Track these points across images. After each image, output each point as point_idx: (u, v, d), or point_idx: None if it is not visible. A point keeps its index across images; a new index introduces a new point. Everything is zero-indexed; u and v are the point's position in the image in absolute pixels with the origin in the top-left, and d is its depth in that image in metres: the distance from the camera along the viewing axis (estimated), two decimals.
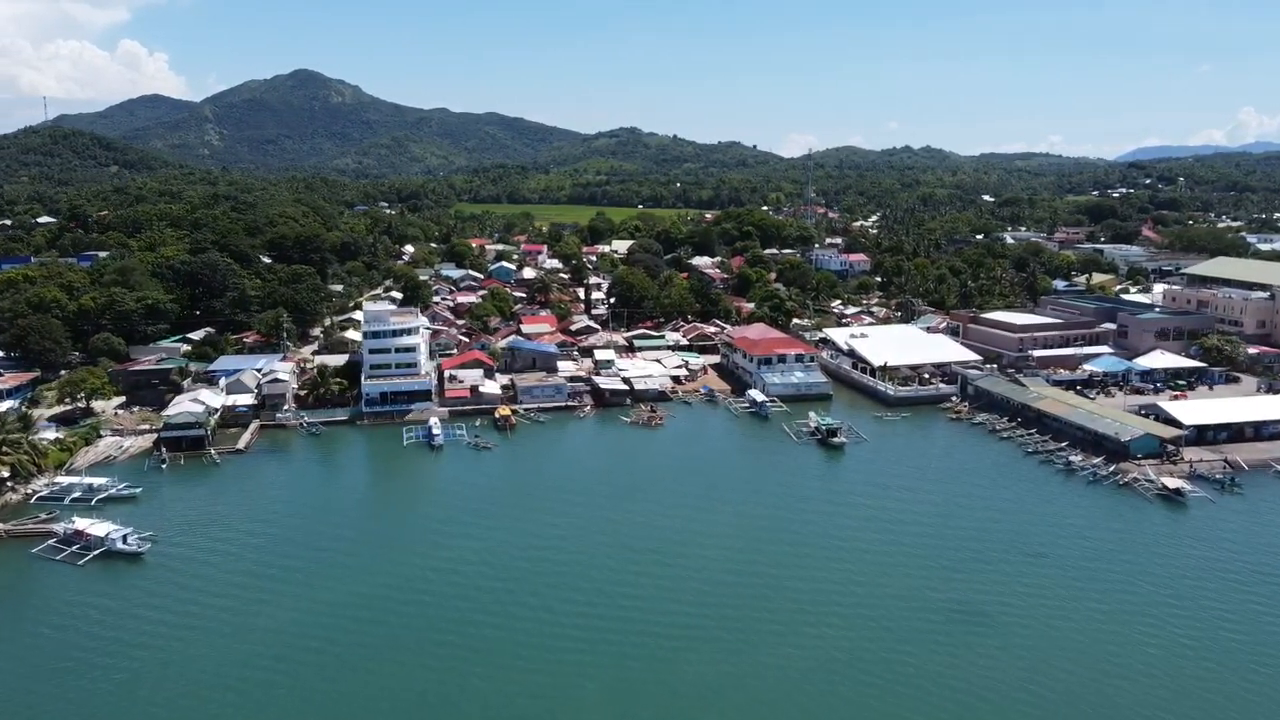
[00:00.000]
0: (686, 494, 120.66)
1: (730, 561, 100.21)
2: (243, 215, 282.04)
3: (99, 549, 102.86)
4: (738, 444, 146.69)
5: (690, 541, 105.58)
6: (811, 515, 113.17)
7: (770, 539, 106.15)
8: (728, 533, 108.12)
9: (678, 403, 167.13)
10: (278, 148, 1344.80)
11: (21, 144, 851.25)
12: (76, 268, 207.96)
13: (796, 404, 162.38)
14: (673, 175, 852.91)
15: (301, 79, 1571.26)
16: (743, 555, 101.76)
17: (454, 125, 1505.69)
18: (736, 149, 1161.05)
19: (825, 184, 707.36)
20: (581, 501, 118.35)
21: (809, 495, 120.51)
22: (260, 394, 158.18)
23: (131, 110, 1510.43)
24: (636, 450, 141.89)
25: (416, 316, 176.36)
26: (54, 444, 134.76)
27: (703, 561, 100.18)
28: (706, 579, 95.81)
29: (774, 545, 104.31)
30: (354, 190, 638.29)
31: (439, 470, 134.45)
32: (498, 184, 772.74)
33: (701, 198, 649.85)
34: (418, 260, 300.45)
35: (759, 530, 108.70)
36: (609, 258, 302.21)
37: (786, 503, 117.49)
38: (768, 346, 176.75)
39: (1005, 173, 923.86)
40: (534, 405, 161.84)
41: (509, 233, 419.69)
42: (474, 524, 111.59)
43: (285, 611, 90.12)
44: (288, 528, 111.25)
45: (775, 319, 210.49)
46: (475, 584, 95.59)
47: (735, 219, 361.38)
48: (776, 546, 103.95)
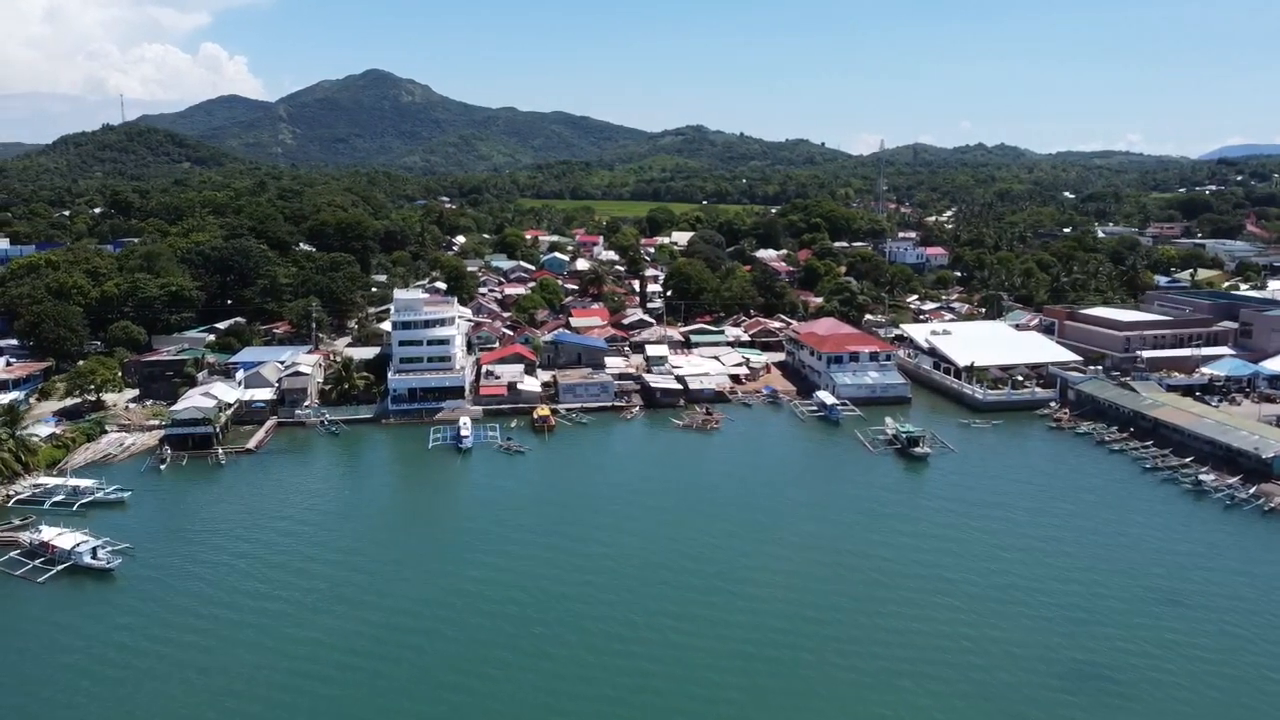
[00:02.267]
0: (743, 511, 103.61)
1: (794, 598, 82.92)
2: (287, 203, 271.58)
3: (65, 563, 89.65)
4: (804, 453, 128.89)
5: (747, 570, 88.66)
6: (891, 540, 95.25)
7: (842, 570, 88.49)
8: (791, 561, 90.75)
9: (736, 404, 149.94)
10: (348, 146, 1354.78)
11: (99, 141, 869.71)
12: (104, 253, 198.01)
13: (871, 408, 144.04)
14: (738, 172, 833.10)
15: (373, 79, 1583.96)
16: (809, 590, 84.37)
17: (521, 124, 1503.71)
18: (804, 146, 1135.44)
19: (896, 180, 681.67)
20: (620, 518, 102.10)
21: (888, 515, 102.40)
22: (280, 389, 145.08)
23: (210, 110, 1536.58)
24: (688, 458, 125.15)
25: (452, 305, 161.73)
26: (48, 440, 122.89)
27: (761, 596, 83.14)
28: (765, 619, 78.79)
29: (846, 578, 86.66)
30: (415, 185, 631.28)
31: (464, 477, 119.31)
32: (561, 180, 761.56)
33: (767, 193, 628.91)
34: (467, 251, 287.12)
35: (828, 558, 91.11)
36: (668, 249, 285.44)
37: (861, 524, 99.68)
38: (838, 343, 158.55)
39: (1084, 170, 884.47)
40: (576, 405, 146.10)
41: (568, 226, 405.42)
42: (495, 542, 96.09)
43: (262, 648, 75.36)
44: (284, 543, 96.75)
45: (846, 314, 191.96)
46: (490, 617, 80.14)
47: (803, 210, 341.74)
48: (850, 580, 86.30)
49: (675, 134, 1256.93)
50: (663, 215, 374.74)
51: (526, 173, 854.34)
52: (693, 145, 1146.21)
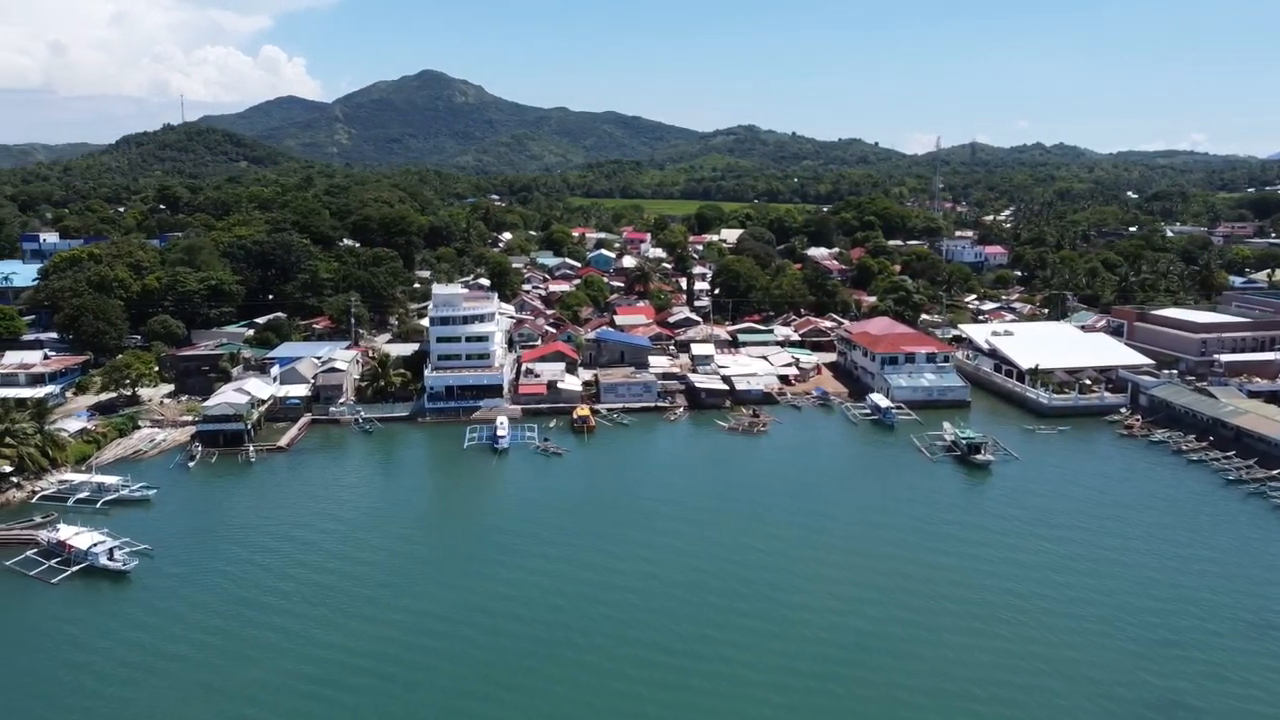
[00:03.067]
0: (792, 519, 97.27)
1: (847, 612, 76.54)
2: (333, 199, 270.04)
3: (81, 564, 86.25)
4: (856, 458, 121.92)
5: (796, 582, 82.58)
6: (952, 553, 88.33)
7: (899, 583, 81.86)
8: (844, 573, 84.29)
9: (785, 406, 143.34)
10: (402, 146, 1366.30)
11: (160, 141, 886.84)
12: (148, 246, 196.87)
13: (927, 411, 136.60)
14: (790, 172, 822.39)
15: (427, 79, 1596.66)
16: (863, 605, 77.91)
17: (573, 124, 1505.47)
18: (857, 146, 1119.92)
19: (952, 179, 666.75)
20: (661, 525, 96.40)
21: (947, 526, 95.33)
22: (315, 385, 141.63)
23: (268, 111, 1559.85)
24: (733, 462, 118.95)
25: (492, 301, 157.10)
26: (78, 435, 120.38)
27: (812, 610, 77.02)
28: (816, 636, 72.75)
29: (904, 592, 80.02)
30: (465, 183, 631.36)
31: (498, 479, 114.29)
32: (611, 179, 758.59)
33: (819, 192, 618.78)
34: (513, 248, 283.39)
35: (884, 570, 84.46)
36: (716, 247, 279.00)
37: (919, 535, 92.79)
38: (893, 343, 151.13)
39: (1147, 169, 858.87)
40: (618, 405, 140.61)
41: (616, 224, 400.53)
42: (530, 548, 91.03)
43: (279, 659, 71.03)
44: (309, 546, 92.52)
45: (901, 314, 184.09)
46: (523, 627, 75.31)
47: (856, 207, 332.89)
48: (908, 594, 79.67)
49: (727, 133, 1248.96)
50: (712, 212, 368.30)
51: (577, 171, 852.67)
52: (744, 145, 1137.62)
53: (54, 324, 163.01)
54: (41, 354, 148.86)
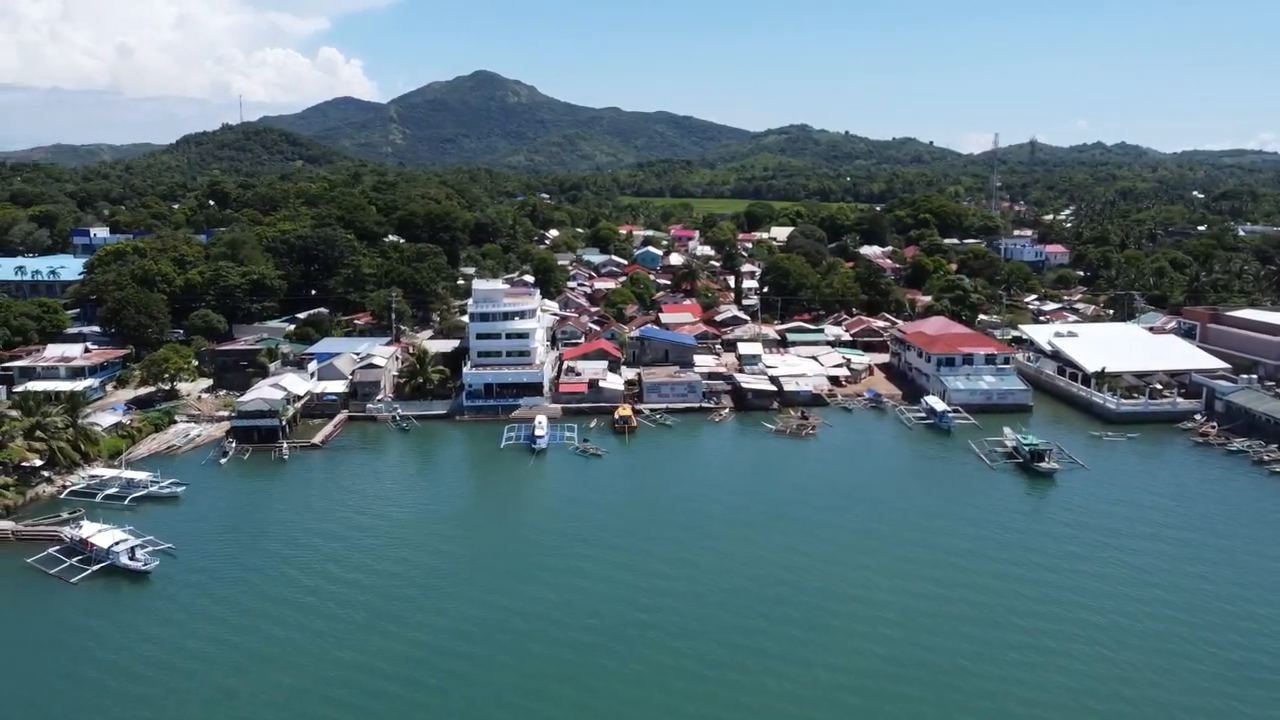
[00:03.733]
0: (842, 529, 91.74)
1: (902, 633, 71.02)
2: (380, 195, 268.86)
3: (102, 562, 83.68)
4: (910, 464, 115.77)
5: (847, 598, 77.17)
6: (1017, 569, 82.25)
7: (959, 602, 76.09)
8: (898, 588, 78.66)
9: (835, 408, 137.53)
10: (455, 146, 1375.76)
11: (218, 140, 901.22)
12: (193, 241, 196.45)
13: (986, 415, 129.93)
14: (842, 171, 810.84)
15: (480, 80, 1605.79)
16: (920, 625, 72.30)
17: (624, 124, 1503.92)
18: (911, 145, 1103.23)
19: (1009, 179, 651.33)
20: (704, 532, 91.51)
21: (1011, 539, 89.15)
22: (352, 381, 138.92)
23: (325, 112, 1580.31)
24: (779, 467, 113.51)
25: (533, 297, 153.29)
26: (112, 430, 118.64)
27: (864, 631, 71.61)
28: (870, 658, 67.42)
29: (965, 612, 74.24)
30: (515, 182, 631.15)
31: (535, 481, 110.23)
32: (661, 178, 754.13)
33: (872, 191, 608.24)
34: (559, 245, 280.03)
35: (942, 587, 78.73)
36: (766, 245, 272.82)
37: (980, 549, 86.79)
38: (950, 344, 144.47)
39: (1213, 169, 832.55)
40: (661, 405, 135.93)
41: (665, 222, 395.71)
42: (565, 555, 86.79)
43: (297, 669, 67.50)
44: (336, 548, 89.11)
45: (958, 313, 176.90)
46: (554, 643, 70.94)
47: (910, 205, 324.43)
48: (969, 614, 73.91)
49: (779, 133, 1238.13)
50: (761, 210, 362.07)
51: (627, 171, 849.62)
52: (796, 144, 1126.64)
53: (97, 318, 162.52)
54: (82, 347, 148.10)
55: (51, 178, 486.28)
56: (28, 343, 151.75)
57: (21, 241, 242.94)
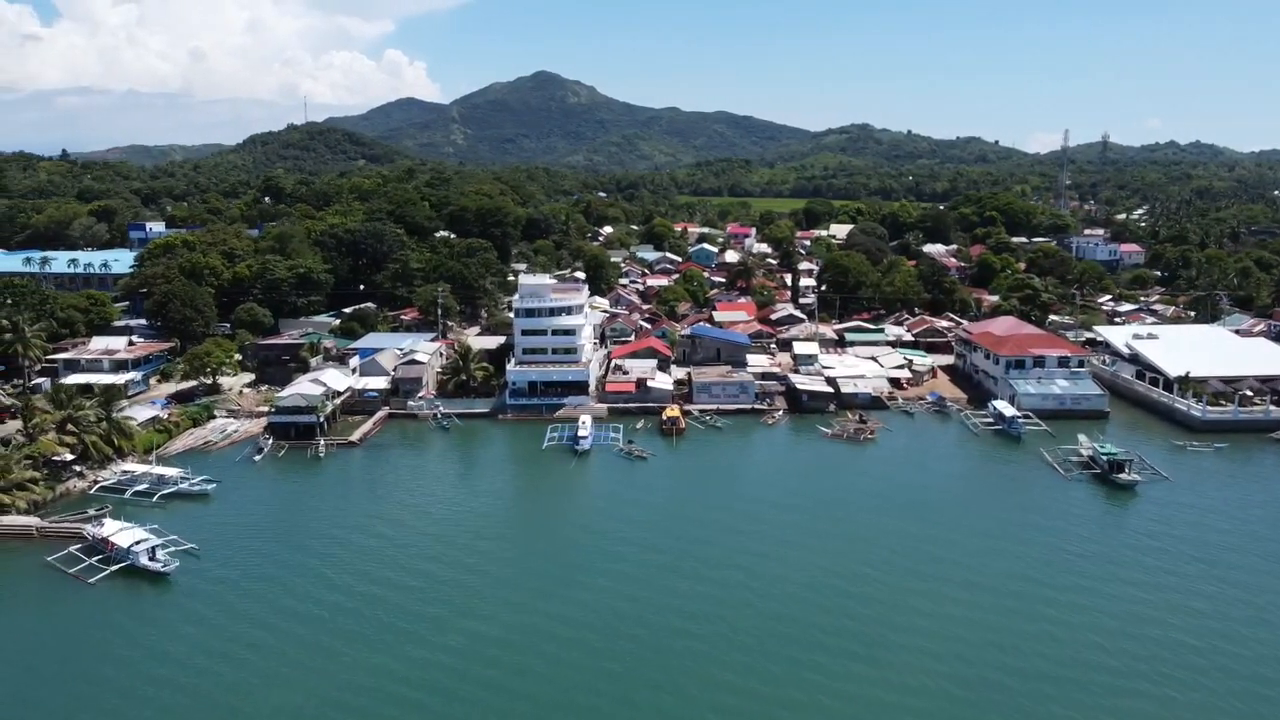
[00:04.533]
0: (902, 543, 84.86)
1: (966, 668, 64.20)
2: (434, 190, 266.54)
3: (122, 563, 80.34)
4: (977, 473, 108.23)
5: (910, 617, 70.58)
6: (1096, 593, 74.73)
7: (1037, 627, 68.96)
8: (967, 609, 71.82)
9: (896, 411, 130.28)
10: (515, 146, 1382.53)
11: (283, 140, 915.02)
12: (242, 234, 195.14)
13: (1058, 422, 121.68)
14: (904, 170, 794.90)
15: (541, 80, 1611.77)
16: (996, 652, 65.46)
17: (683, 124, 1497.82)
18: (976, 144, 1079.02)
19: (1078, 178, 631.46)
20: (754, 542, 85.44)
21: (1088, 559, 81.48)
22: (394, 377, 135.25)
23: (389, 113, 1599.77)
24: (835, 473, 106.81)
25: (581, 293, 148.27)
26: (149, 424, 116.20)
27: (923, 662, 64.84)
28: (927, 700, 60.60)
29: (1039, 643, 67.03)
30: (572, 180, 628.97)
31: (576, 484, 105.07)
32: (720, 177, 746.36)
33: (936, 190, 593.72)
34: (613, 242, 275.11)
35: (1011, 614, 71.63)
36: (824, 242, 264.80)
37: (1056, 567, 79.37)
38: (1020, 345, 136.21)
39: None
40: (711, 406, 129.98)
41: (722, 220, 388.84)
42: (606, 563, 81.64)
43: (315, 683, 63.22)
44: (366, 552, 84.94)
45: (1027, 314, 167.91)
46: (592, 655, 66.13)
47: (976, 202, 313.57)
48: (1052, 643, 66.72)
49: (839, 132, 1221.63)
50: (821, 207, 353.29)
51: (685, 170, 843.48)
52: (857, 144, 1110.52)
53: (144, 310, 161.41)
54: (126, 340, 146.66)
55: (120, 175, 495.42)
56: (74, 335, 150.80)
57: (81, 235, 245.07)
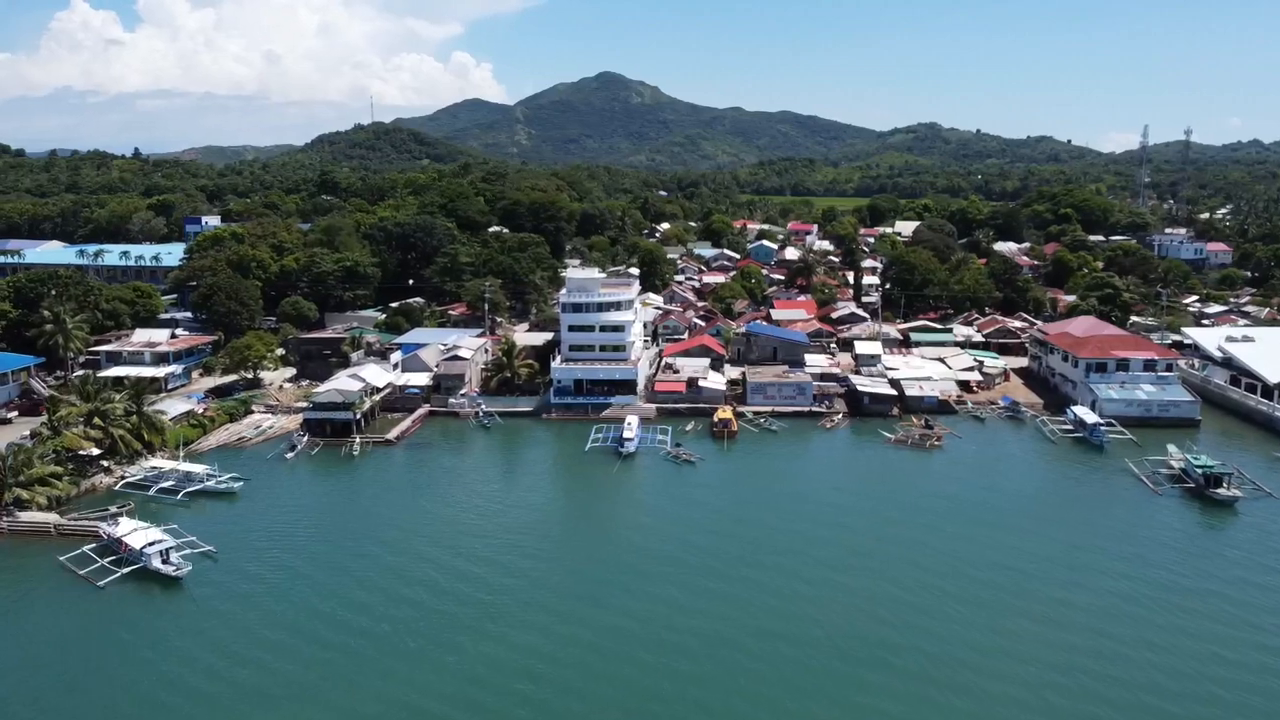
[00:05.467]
0: (973, 561, 76.94)
1: (1055, 705, 56.44)
2: (489, 185, 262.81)
3: (134, 564, 76.10)
4: (1056, 486, 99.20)
5: (983, 650, 62.88)
6: (1211, 625, 66.03)
7: (1131, 670, 60.69)
8: (1045, 644, 63.86)
9: (965, 417, 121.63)
10: (579, 146, 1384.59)
11: (350, 139, 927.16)
12: (292, 228, 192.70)
13: (1144, 430, 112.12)
14: (973, 169, 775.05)
15: (605, 81, 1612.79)
16: (1079, 696, 57.49)
17: (747, 123, 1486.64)
18: (1048, 144, 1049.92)
19: (1157, 176, 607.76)
20: (808, 559, 78.31)
21: (1193, 584, 72.58)
22: (436, 374, 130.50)
23: (455, 114, 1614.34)
24: (900, 482, 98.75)
25: (631, 288, 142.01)
26: (182, 419, 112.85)
27: (1007, 702, 57.25)
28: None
29: (1146, 689, 58.86)
30: (633, 178, 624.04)
31: (618, 490, 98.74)
32: (782, 176, 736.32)
33: (1005, 189, 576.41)
34: (669, 238, 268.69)
35: (1106, 645, 63.46)
36: (890, 239, 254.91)
37: (1152, 595, 70.67)
38: (1101, 347, 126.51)
39: None
40: (766, 408, 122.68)
41: (783, 218, 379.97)
42: (644, 579, 75.11)
43: (325, 709, 57.69)
44: (394, 558, 79.82)
45: (1107, 314, 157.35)
46: (627, 690, 59.53)
47: (1050, 199, 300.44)
48: (1151, 693, 58.46)
49: (906, 131, 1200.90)
50: (886, 203, 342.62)
51: (747, 169, 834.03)
52: (924, 143, 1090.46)
53: (189, 303, 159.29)
54: (169, 333, 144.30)
55: (189, 173, 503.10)
56: (120, 327, 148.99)
57: (139, 230, 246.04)
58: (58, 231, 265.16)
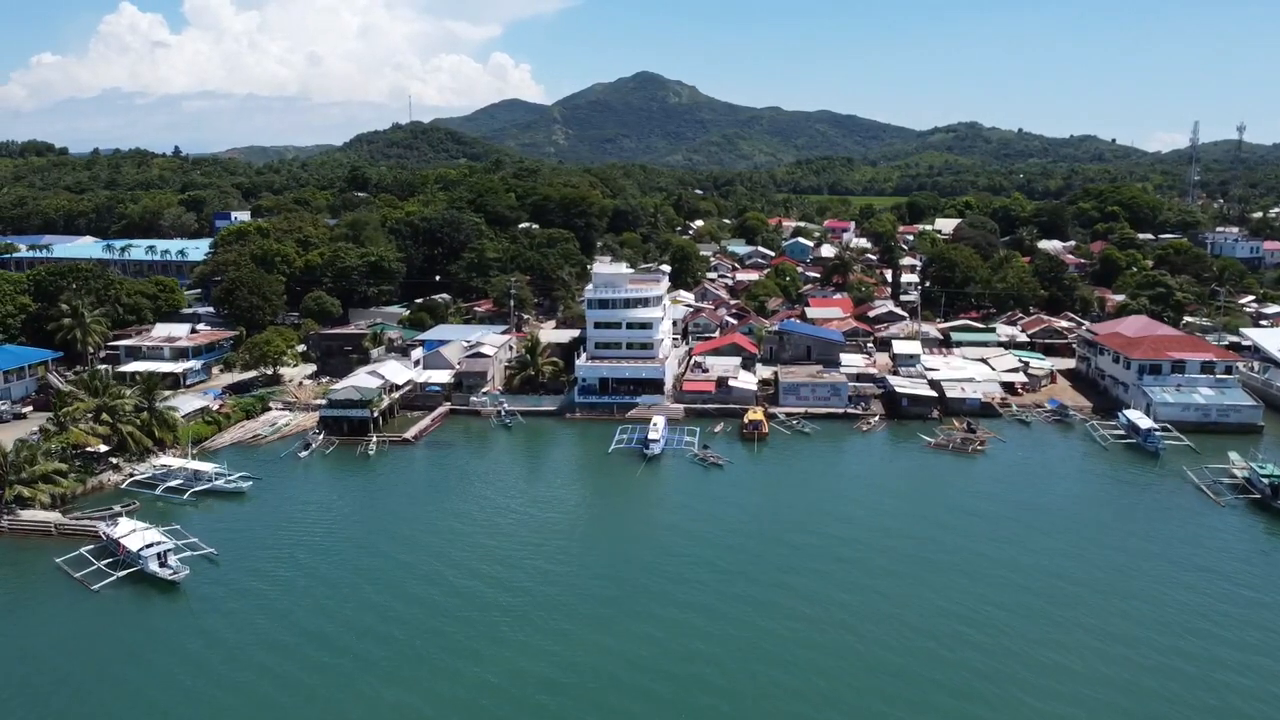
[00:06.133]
0: (1021, 579, 71.29)
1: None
2: (520, 182, 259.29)
3: (131, 567, 72.72)
4: (1109, 495, 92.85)
5: (1037, 673, 57.50)
6: (1272, 652, 60.14)
7: (1213, 696, 55.06)
8: (1113, 663, 58.39)
9: (1009, 420, 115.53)
10: (615, 146, 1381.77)
11: (388, 139, 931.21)
12: (319, 222, 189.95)
13: (1203, 436, 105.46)
14: (1015, 168, 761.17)
15: (642, 81, 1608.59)
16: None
17: (784, 123, 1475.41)
18: (1091, 143, 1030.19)
19: (1206, 175, 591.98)
20: (847, 571, 73.30)
21: (1256, 610, 66.56)
22: (459, 371, 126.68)
23: (493, 114, 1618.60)
24: (940, 489, 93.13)
25: (659, 284, 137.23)
26: (196, 416, 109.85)
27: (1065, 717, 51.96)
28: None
29: (1212, 709, 53.32)
30: (668, 177, 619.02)
31: (641, 493, 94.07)
32: (820, 175, 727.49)
33: (1048, 188, 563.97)
34: (703, 235, 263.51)
35: (1183, 669, 57.87)
36: (929, 236, 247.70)
37: (1218, 621, 64.58)
38: (1155, 347, 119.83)
39: None
40: (799, 410, 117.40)
41: (819, 216, 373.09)
42: (668, 590, 70.52)
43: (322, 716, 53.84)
44: (402, 564, 75.97)
45: (1159, 314, 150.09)
46: (659, 702, 55.46)
47: (1096, 196, 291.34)
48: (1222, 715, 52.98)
49: (946, 131, 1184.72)
50: (925, 200, 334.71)
51: (784, 168, 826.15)
52: (964, 142, 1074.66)
53: (212, 298, 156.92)
54: (189, 328, 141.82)
55: (227, 171, 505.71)
56: (142, 322, 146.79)
57: (170, 225, 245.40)
58: (92, 227, 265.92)
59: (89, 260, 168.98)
